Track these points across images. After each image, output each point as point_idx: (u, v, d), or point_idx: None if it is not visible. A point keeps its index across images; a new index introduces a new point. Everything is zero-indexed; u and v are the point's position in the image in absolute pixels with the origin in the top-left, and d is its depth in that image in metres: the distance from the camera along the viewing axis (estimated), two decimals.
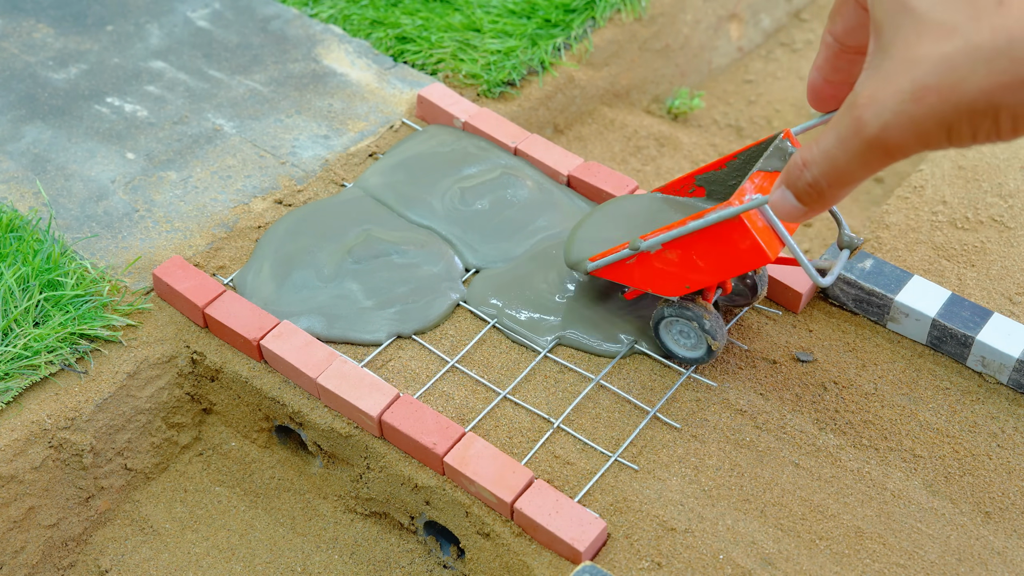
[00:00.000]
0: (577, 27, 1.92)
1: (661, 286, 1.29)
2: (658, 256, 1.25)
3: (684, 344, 1.35)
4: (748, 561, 1.21)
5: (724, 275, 1.24)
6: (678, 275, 1.26)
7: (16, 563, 1.33)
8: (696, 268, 1.24)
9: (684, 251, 1.23)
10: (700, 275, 1.25)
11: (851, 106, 0.63)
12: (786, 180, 0.72)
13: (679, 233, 1.21)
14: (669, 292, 1.29)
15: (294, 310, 1.44)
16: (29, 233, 1.46)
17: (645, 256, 1.26)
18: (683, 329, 1.34)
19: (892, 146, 0.62)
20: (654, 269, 1.27)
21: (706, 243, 1.21)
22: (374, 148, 1.69)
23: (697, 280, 1.26)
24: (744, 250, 1.20)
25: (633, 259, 1.28)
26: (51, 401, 1.34)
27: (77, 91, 1.77)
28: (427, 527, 1.36)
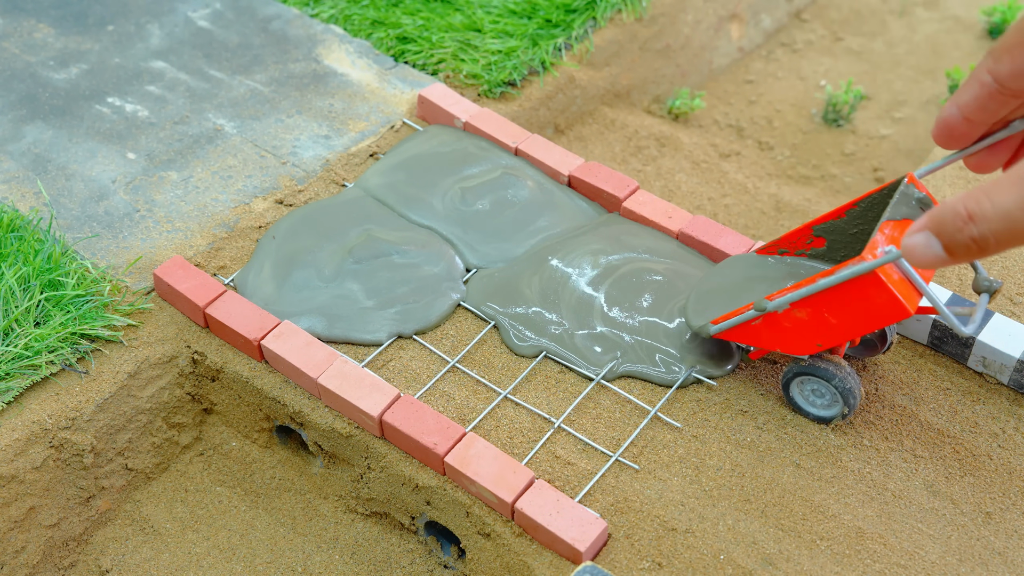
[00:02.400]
0: (578, 27, 1.92)
1: (791, 345, 1.23)
2: (786, 316, 1.20)
3: (817, 403, 1.30)
4: (749, 561, 1.21)
5: (859, 332, 1.18)
6: (809, 334, 1.21)
7: (17, 563, 1.33)
8: (828, 326, 1.19)
9: (815, 309, 1.18)
10: (833, 333, 1.19)
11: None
12: (936, 228, 0.67)
13: (809, 292, 1.15)
14: (800, 351, 1.24)
15: (295, 310, 1.44)
16: (30, 233, 1.46)
17: (772, 316, 1.21)
18: (816, 388, 1.29)
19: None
20: (782, 329, 1.22)
21: (839, 300, 1.15)
22: (375, 148, 1.69)
23: (830, 338, 1.20)
24: (881, 305, 1.14)
25: (759, 320, 1.23)
26: (52, 401, 1.34)
27: (78, 91, 1.77)
28: (428, 527, 1.36)
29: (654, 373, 1.38)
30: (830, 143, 2.07)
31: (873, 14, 2.41)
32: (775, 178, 1.98)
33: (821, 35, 2.36)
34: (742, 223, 1.82)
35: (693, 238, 1.53)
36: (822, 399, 1.29)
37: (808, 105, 2.16)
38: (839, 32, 2.36)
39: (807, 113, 2.14)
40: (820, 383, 1.28)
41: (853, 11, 2.42)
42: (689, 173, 1.91)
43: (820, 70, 2.25)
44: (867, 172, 2.01)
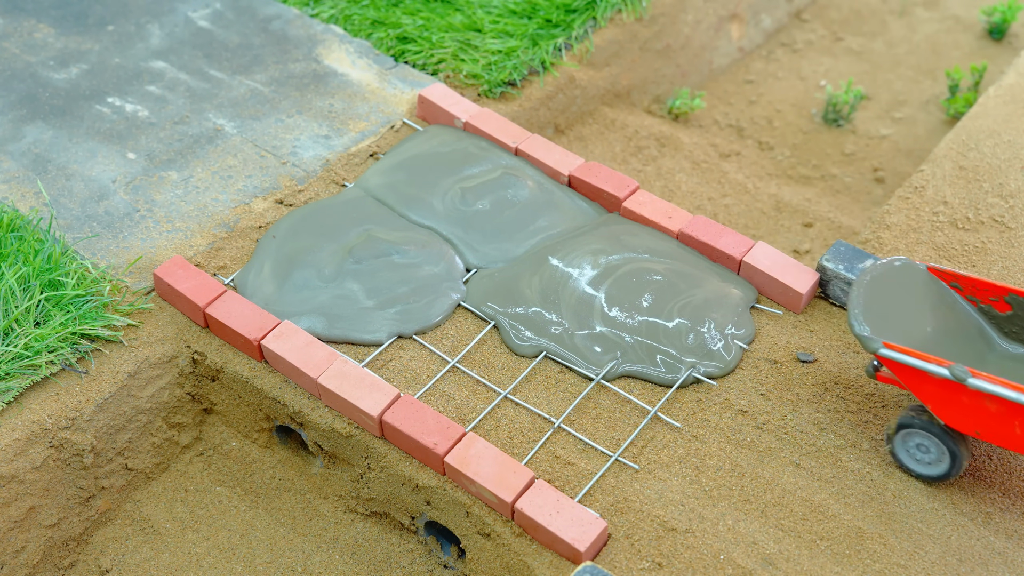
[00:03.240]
0: (578, 27, 1.92)
1: (953, 418, 1.17)
2: (972, 395, 1.12)
3: (920, 459, 1.25)
4: (749, 561, 1.21)
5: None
6: (981, 422, 1.14)
7: (17, 563, 1.33)
8: (1008, 431, 1.12)
9: (1011, 414, 1.10)
10: (1006, 438, 1.12)
11: None
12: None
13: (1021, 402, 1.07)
14: (953, 424, 1.17)
15: (295, 310, 1.44)
16: (30, 233, 1.46)
17: (960, 388, 1.13)
18: (923, 444, 1.23)
19: None
20: (955, 400, 1.15)
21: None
22: (375, 148, 1.69)
23: (996, 438, 1.14)
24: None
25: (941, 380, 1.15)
26: (52, 401, 1.34)
27: (78, 91, 1.77)
28: (428, 527, 1.36)
29: (654, 373, 1.38)
30: (830, 143, 2.07)
31: (873, 14, 2.41)
32: (775, 178, 1.98)
33: (821, 35, 2.36)
34: (742, 223, 1.82)
35: (693, 238, 1.53)
36: (927, 455, 1.25)
37: (808, 105, 2.16)
38: (839, 32, 2.36)
39: (807, 113, 2.14)
40: (932, 441, 1.23)
41: (853, 11, 2.42)
42: (689, 173, 1.91)
43: (820, 70, 2.25)
44: (867, 172, 2.01)
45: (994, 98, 1.80)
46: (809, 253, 1.77)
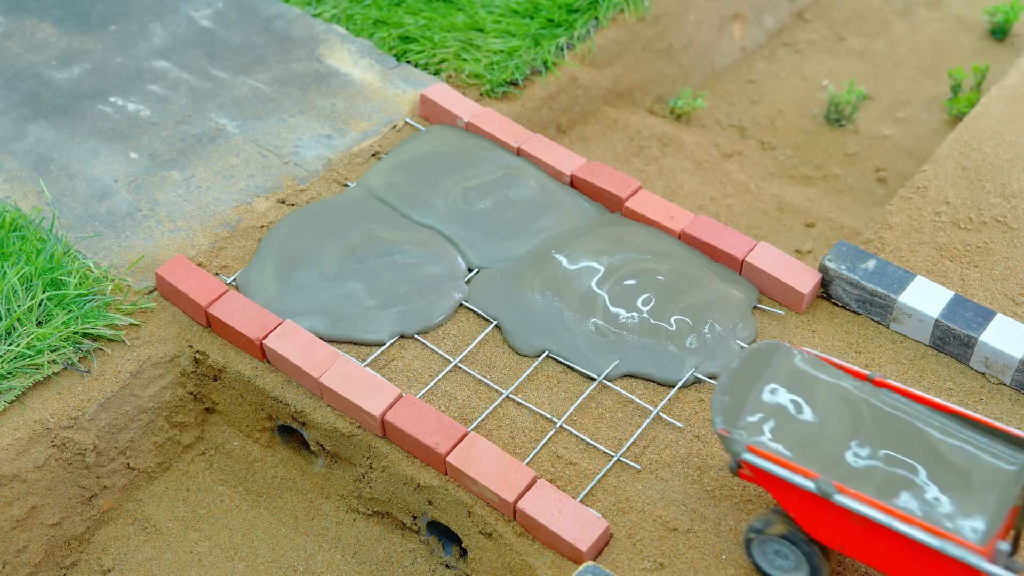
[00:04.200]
0: (580, 27, 1.92)
1: (813, 527, 1.10)
2: (837, 509, 1.06)
3: (778, 565, 1.18)
4: (750, 561, 1.21)
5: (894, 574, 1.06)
6: (844, 537, 1.08)
7: (19, 562, 1.33)
8: (874, 551, 1.06)
9: (875, 535, 1.04)
10: (870, 557, 1.06)
11: None
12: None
13: (891, 526, 1.02)
14: (816, 536, 1.11)
15: (297, 309, 1.44)
16: (32, 232, 1.47)
17: (829, 506, 1.06)
18: (781, 550, 1.16)
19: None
20: (822, 516, 1.08)
21: (911, 551, 1.02)
22: (377, 148, 1.69)
23: (859, 555, 1.08)
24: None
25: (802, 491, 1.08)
26: (54, 400, 1.34)
27: (80, 90, 1.78)
28: (429, 527, 1.36)
29: (656, 373, 1.38)
30: (832, 143, 2.07)
31: (875, 14, 2.41)
32: (777, 178, 1.98)
33: (823, 35, 2.36)
34: (744, 223, 1.82)
35: (695, 238, 1.53)
36: (785, 561, 1.17)
37: (810, 105, 2.15)
38: (841, 32, 2.36)
39: (809, 113, 2.14)
40: (792, 550, 1.16)
41: (855, 11, 2.41)
42: (691, 173, 1.91)
43: (822, 70, 2.25)
44: (869, 172, 2.01)
45: (996, 98, 1.80)
46: (811, 253, 1.77)
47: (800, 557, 1.15)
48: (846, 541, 1.10)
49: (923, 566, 1.05)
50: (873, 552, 1.08)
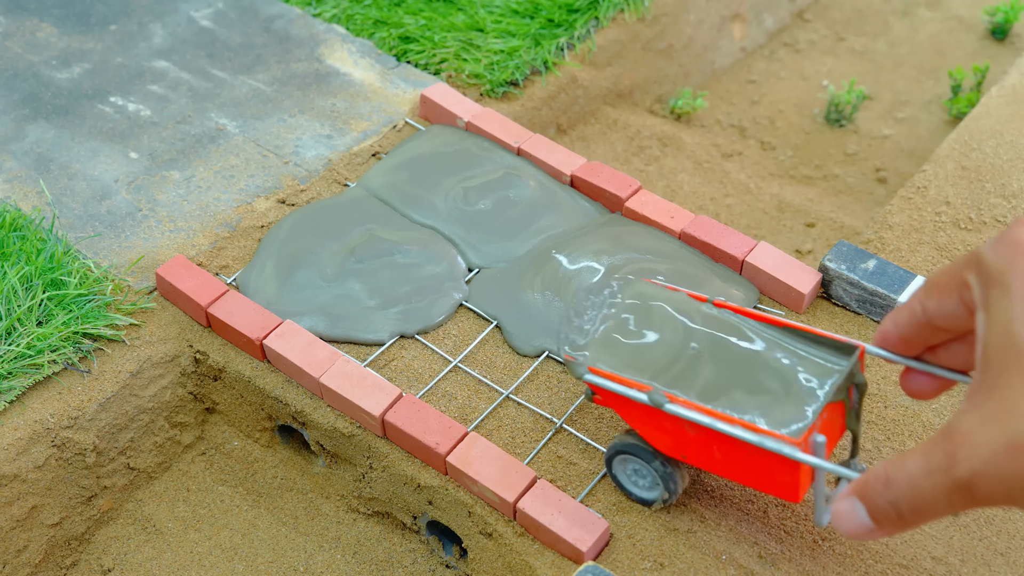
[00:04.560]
0: (580, 27, 1.92)
1: (658, 440, 1.14)
2: (672, 419, 1.09)
3: (639, 484, 1.22)
4: (750, 561, 1.21)
5: (735, 479, 1.10)
6: (683, 445, 1.11)
7: (19, 562, 1.33)
8: (709, 455, 1.09)
9: (708, 440, 1.08)
10: (708, 463, 1.10)
11: (947, 438, 0.58)
12: (861, 492, 0.63)
13: (716, 427, 1.05)
14: (664, 451, 1.14)
15: (297, 309, 1.44)
16: (32, 232, 1.47)
17: (661, 415, 1.10)
18: (638, 469, 1.20)
19: (979, 495, 0.56)
20: (660, 427, 1.11)
21: (739, 451, 1.05)
22: (377, 148, 1.69)
23: (699, 463, 1.11)
24: (777, 481, 1.06)
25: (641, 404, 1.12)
26: (54, 400, 1.34)
27: (80, 90, 1.78)
28: (429, 527, 1.36)
29: None
30: (832, 143, 2.07)
31: (875, 14, 2.41)
32: (777, 178, 1.98)
33: (823, 35, 2.36)
34: (744, 223, 1.82)
35: (695, 238, 1.53)
36: (644, 479, 1.21)
37: (810, 105, 2.15)
38: (841, 32, 2.36)
39: (809, 113, 2.14)
40: (642, 464, 1.19)
41: (855, 11, 2.42)
42: (691, 173, 1.91)
43: (822, 70, 2.25)
44: (869, 172, 2.01)
45: (997, 98, 1.80)
46: (811, 253, 1.77)
47: (654, 474, 1.18)
48: (685, 450, 1.13)
49: (753, 465, 1.08)
50: (708, 457, 1.11)
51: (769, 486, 1.09)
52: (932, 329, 0.70)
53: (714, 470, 1.13)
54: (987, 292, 0.59)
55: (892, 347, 0.75)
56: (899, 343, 0.73)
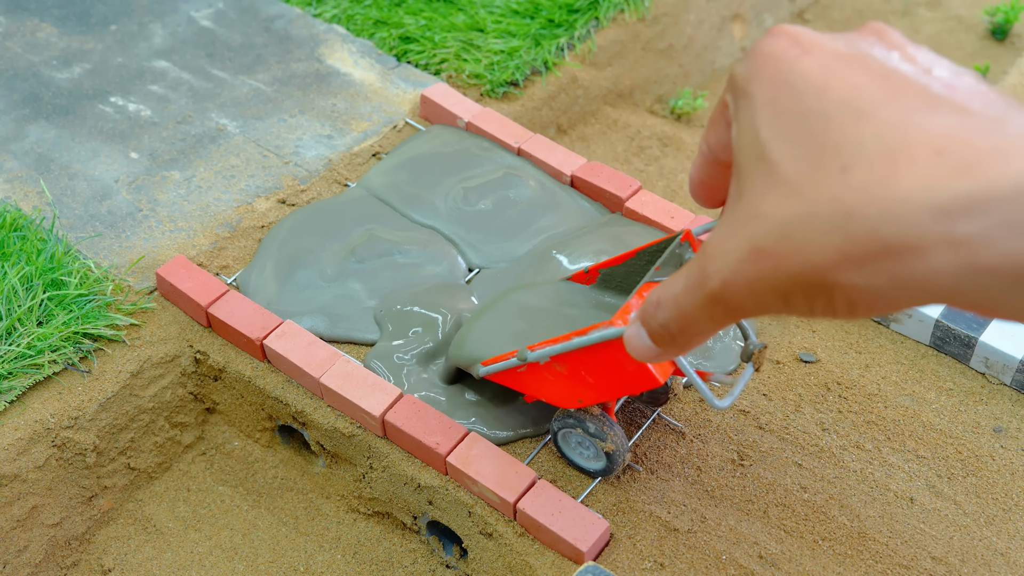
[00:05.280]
0: (580, 27, 1.92)
1: (554, 397, 1.17)
2: (548, 368, 1.13)
3: (584, 455, 1.24)
4: (751, 562, 1.21)
5: (614, 394, 1.13)
6: (570, 389, 1.15)
7: (19, 562, 1.33)
8: (586, 384, 1.12)
9: (573, 366, 1.11)
10: (590, 392, 1.13)
11: (702, 254, 0.57)
12: (641, 315, 0.64)
13: (564, 348, 1.09)
14: (564, 405, 1.18)
15: (297, 309, 1.44)
16: (33, 232, 1.47)
17: (536, 366, 1.14)
18: (580, 440, 1.22)
19: (732, 305, 0.56)
20: (545, 380, 1.15)
21: (594, 361, 1.09)
22: (377, 148, 1.69)
23: (588, 397, 1.14)
24: (632, 372, 1.08)
25: (524, 368, 1.16)
26: (54, 400, 1.34)
27: (81, 90, 1.78)
28: (430, 527, 1.36)
29: None
30: None
31: (876, 14, 2.41)
32: None
33: None
34: None
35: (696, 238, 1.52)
36: (587, 450, 1.23)
37: None
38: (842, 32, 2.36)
39: None
40: (584, 436, 1.21)
41: (856, 11, 2.42)
42: None
43: None
44: None
45: None
46: None
47: (592, 441, 1.21)
48: (576, 394, 1.16)
49: (612, 371, 1.10)
50: (588, 387, 1.14)
51: (634, 383, 1.10)
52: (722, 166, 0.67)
53: (597, 399, 1.15)
54: (737, 104, 0.58)
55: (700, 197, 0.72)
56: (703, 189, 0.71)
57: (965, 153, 0.48)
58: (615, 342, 1.06)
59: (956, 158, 0.48)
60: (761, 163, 0.55)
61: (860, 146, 0.51)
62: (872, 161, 0.50)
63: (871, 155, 0.50)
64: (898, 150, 0.50)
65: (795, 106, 0.54)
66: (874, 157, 0.50)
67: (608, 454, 1.21)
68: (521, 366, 1.16)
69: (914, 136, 0.50)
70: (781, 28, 0.59)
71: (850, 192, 0.50)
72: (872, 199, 0.49)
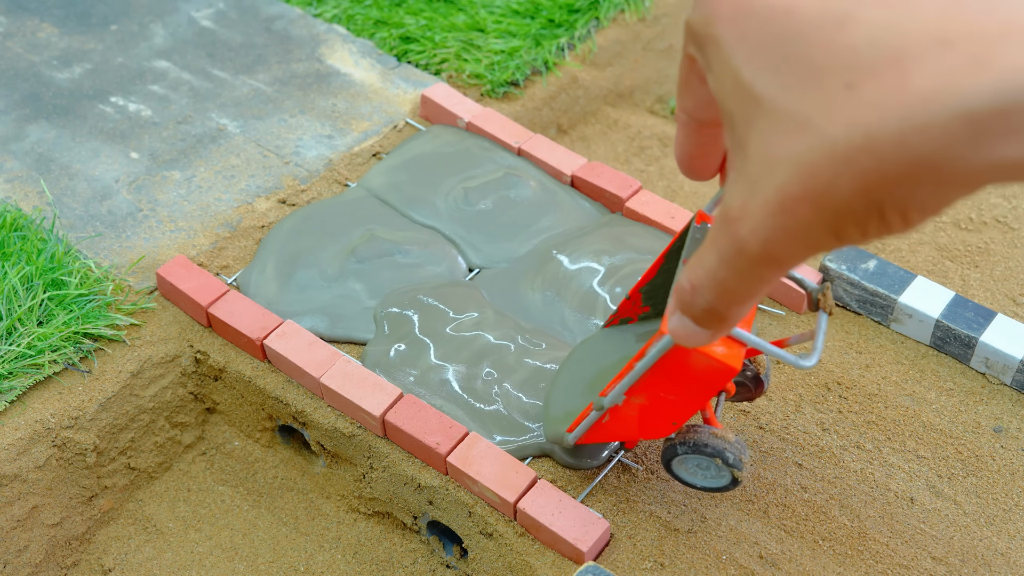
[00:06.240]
0: (581, 27, 1.92)
1: (649, 431, 1.13)
2: (628, 405, 1.09)
3: (704, 475, 1.19)
4: (751, 562, 1.21)
5: (701, 402, 1.08)
6: (657, 416, 1.11)
7: (19, 562, 1.33)
8: (670, 404, 1.08)
9: (650, 392, 1.07)
10: (678, 410, 1.09)
11: (725, 220, 0.54)
12: (680, 305, 0.62)
13: (633, 379, 1.04)
14: (661, 435, 1.14)
15: (297, 310, 1.44)
16: (33, 232, 1.47)
17: (617, 409, 1.10)
18: (700, 463, 1.17)
19: (781, 259, 0.54)
20: (632, 419, 1.11)
21: (664, 377, 1.04)
22: (378, 148, 1.69)
23: (679, 415, 1.10)
24: (704, 370, 1.02)
25: (607, 417, 1.12)
26: (55, 400, 1.34)
27: (81, 90, 1.78)
28: (430, 527, 1.36)
29: None
30: None
31: None
32: None
33: None
34: None
35: None
36: (707, 471, 1.18)
37: None
38: None
39: None
40: (702, 458, 1.16)
41: None
42: None
43: None
44: None
45: None
46: None
47: (711, 460, 1.16)
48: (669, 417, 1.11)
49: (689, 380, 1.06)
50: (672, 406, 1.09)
51: (712, 381, 1.04)
52: (707, 129, 0.65)
53: (688, 413, 1.10)
54: (705, 54, 0.55)
55: (693, 170, 0.70)
56: (694, 161, 0.68)
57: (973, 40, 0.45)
58: (673, 349, 1.01)
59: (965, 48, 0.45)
60: (755, 105, 0.51)
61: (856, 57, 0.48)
62: (876, 70, 0.47)
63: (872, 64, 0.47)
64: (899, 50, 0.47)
65: (768, 35, 0.51)
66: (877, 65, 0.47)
67: (733, 473, 1.16)
68: (603, 416, 1.11)
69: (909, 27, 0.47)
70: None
71: (864, 109, 0.47)
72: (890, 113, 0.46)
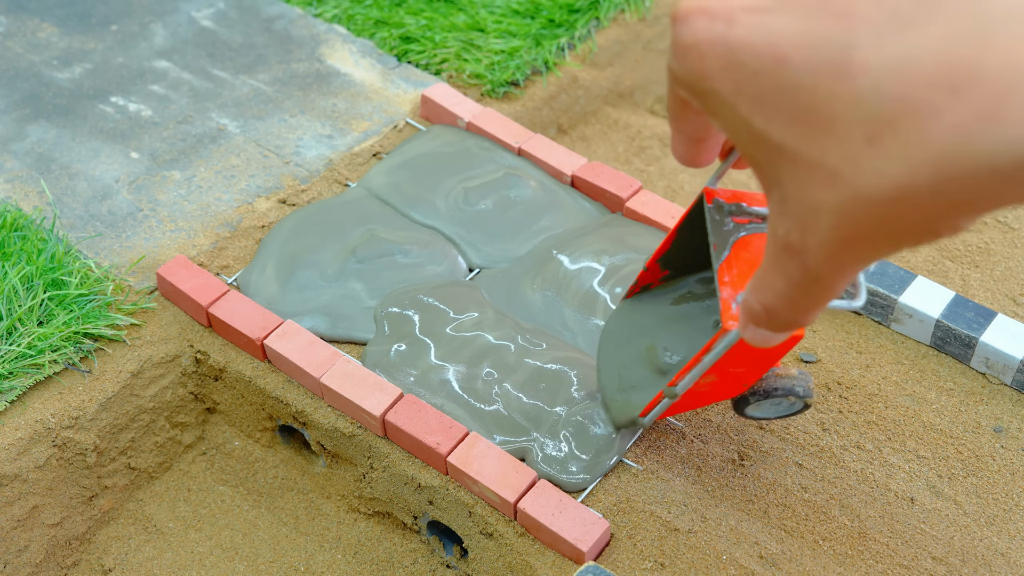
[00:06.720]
0: (581, 27, 1.92)
1: (723, 396, 1.19)
2: (699, 385, 1.14)
3: (776, 409, 1.24)
4: (751, 562, 1.21)
5: (768, 366, 1.13)
6: (731, 385, 1.16)
7: (20, 562, 1.33)
8: (741, 376, 1.14)
9: (719, 371, 1.11)
10: (749, 375, 1.14)
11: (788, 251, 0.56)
12: (754, 322, 0.65)
13: (702, 370, 1.09)
14: (732, 396, 1.20)
15: (298, 309, 1.44)
16: (33, 232, 1.47)
17: (690, 391, 1.14)
18: (773, 401, 1.22)
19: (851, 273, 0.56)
20: (704, 393, 1.16)
21: (735, 358, 1.08)
22: (378, 148, 1.69)
23: (749, 378, 1.15)
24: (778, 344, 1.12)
25: (679, 399, 1.16)
26: (55, 400, 1.34)
27: (81, 90, 1.78)
28: (430, 527, 1.36)
29: None
30: None
31: None
32: None
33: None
34: None
35: None
36: (779, 406, 1.23)
37: None
38: None
39: None
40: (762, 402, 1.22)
41: None
42: (692, 173, 1.91)
43: None
44: None
45: None
46: None
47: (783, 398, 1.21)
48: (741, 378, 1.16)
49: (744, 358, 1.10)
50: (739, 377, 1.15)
51: (780, 349, 1.09)
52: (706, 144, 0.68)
53: (758, 375, 1.16)
54: (704, 103, 0.56)
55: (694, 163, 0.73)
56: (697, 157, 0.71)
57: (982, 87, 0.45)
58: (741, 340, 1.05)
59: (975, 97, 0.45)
60: (776, 152, 0.53)
61: (867, 108, 0.48)
62: (892, 123, 0.47)
63: (885, 116, 0.48)
64: (909, 101, 0.47)
65: (765, 85, 0.51)
66: (890, 117, 0.47)
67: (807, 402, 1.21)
68: (676, 399, 1.16)
69: (911, 73, 0.47)
70: (686, 7, 0.55)
71: (891, 164, 0.48)
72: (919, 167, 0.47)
